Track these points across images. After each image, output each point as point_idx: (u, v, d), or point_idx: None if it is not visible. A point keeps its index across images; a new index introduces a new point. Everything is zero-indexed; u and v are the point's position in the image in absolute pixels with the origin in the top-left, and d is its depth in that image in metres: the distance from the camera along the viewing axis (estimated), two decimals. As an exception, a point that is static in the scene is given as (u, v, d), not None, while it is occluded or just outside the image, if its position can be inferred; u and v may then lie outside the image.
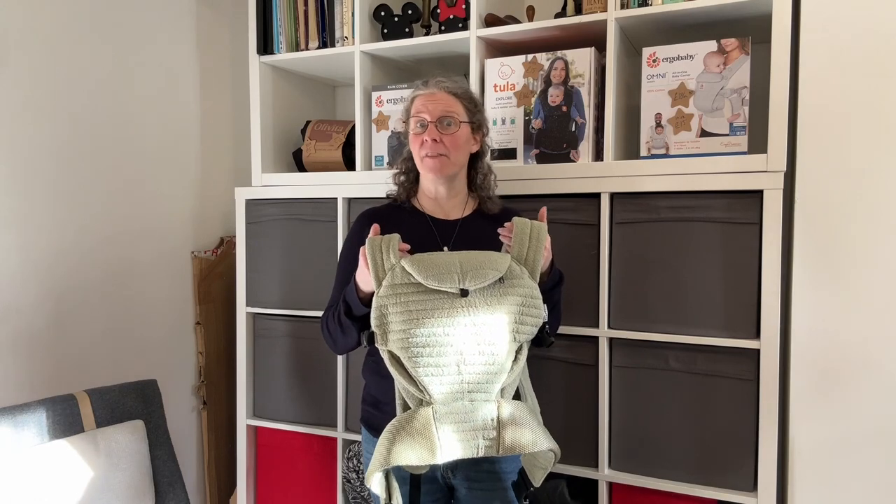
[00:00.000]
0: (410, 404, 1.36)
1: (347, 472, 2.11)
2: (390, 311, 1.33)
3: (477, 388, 1.33)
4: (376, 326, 1.35)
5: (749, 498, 1.67)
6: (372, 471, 1.32)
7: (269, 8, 2.23)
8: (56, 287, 2.00)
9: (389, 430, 1.33)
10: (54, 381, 1.98)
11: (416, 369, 1.32)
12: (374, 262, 1.35)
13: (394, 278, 1.34)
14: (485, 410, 1.33)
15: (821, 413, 1.63)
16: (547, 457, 1.41)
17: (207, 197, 2.51)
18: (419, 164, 1.54)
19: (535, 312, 1.38)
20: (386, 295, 1.34)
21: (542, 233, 1.41)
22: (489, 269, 1.33)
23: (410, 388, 1.34)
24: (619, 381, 1.82)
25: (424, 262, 1.34)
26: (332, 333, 1.55)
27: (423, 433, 1.30)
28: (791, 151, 1.67)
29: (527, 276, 1.38)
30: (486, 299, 1.33)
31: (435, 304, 1.32)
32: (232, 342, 2.43)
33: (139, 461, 1.72)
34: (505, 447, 1.32)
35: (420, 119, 1.51)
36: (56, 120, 1.99)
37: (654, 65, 1.79)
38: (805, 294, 1.63)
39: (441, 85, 1.53)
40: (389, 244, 1.37)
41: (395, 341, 1.33)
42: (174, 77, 2.37)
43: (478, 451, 1.33)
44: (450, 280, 1.31)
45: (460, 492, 1.55)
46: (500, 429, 1.33)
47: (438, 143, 1.49)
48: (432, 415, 1.31)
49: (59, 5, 1.98)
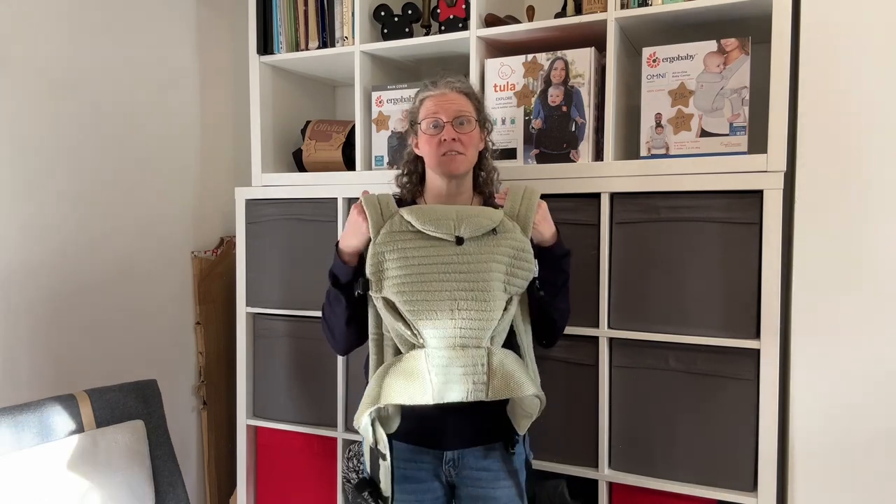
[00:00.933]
0: (403, 349, 1.41)
1: (347, 472, 2.11)
2: (387, 258, 1.40)
3: (468, 334, 1.38)
4: (371, 274, 1.41)
5: (749, 498, 1.67)
6: (362, 409, 1.36)
7: (269, 8, 2.23)
8: (56, 287, 2.00)
9: (382, 370, 1.38)
10: (54, 381, 1.99)
11: (411, 314, 1.37)
12: (374, 213, 1.42)
13: (392, 226, 1.41)
14: (475, 355, 1.38)
15: (820, 413, 1.63)
16: (532, 403, 1.44)
17: (207, 197, 2.51)
18: (435, 165, 1.53)
19: (527, 266, 1.43)
20: (384, 241, 1.40)
21: (535, 192, 1.47)
22: (483, 218, 1.40)
23: (405, 332, 1.38)
24: (619, 381, 1.82)
25: (422, 210, 1.42)
26: (328, 318, 1.57)
27: (415, 373, 1.36)
28: (791, 151, 1.67)
29: (518, 230, 1.44)
30: (480, 248, 1.39)
31: (431, 250, 1.39)
32: (232, 342, 2.43)
33: (139, 461, 1.72)
34: (494, 390, 1.37)
35: (435, 120, 1.51)
36: (56, 120, 1.99)
37: (654, 65, 1.79)
38: (805, 294, 1.63)
39: (451, 85, 1.54)
40: (388, 201, 1.45)
41: (391, 286, 1.38)
42: (174, 77, 2.37)
43: (468, 394, 1.38)
44: (446, 227, 1.38)
45: (462, 490, 1.55)
46: (490, 374, 1.37)
47: (456, 141, 1.50)
48: (425, 357, 1.36)
49: (59, 5, 1.98)
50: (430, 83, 1.57)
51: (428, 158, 1.55)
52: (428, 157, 1.55)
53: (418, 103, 1.56)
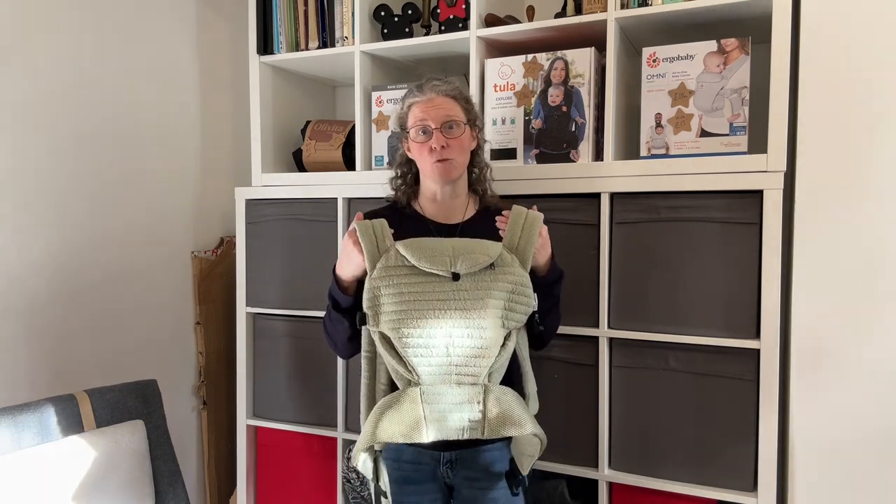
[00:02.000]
0: (399, 385, 1.39)
1: (347, 472, 2.11)
2: (383, 293, 1.37)
3: (464, 371, 1.36)
4: (368, 308, 1.38)
5: (749, 498, 1.67)
6: (358, 448, 1.36)
7: (269, 8, 2.23)
8: (56, 287, 2.00)
9: (377, 408, 1.36)
10: (54, 381, 1.99)
11: (406, 350, 1.35)
12: (370, 244, 1.39)
13: (388, 260, 1.38)
14: (471, 392, 1.36)
15: (821, 413, 1.63)
16: (532, 443, 1.43)
17: (207, 197, 2.51)
18: (427, 171, 1.53)
19: (525, 300, 1.40)
20: (379, 276, 1.38)
21: (536, 222, 1.44)
22: (480, 254, 1.37)
23: (399, 369, 1.37)
24: (619, 381, 1.82)
25: (418, 245, 1.38)
26: (331, 333, 1.56)
27: (409, 411, 1.34)
28: (791, 151, 1.67)
29: (517, 264, 1.41)
30: (477, 284, 1.36)
31: (427, 286, 1.36)
32: (232, 342, 2.43)
33: (139, 461, 1.72)
34: (490, 429, 1.36)
35: (423, 126, 1.50)
36: (56, 120, 1.99)
37: (654, 65, 1.79)
38: (805, 294, 1.63)
39: (437, 89, 1.52)
40: (383, 228, 1.42)
41: (387, 322, 1.36)
42: (174, 77, 2.37)
43: (463, 432, 1.36)
44: (442, 263, 1.35)
45: (460, 491, 1.55)
46: (486, 412, 1.36)
47: (446, 147, 1.49)
48: (419, 395, 1.35)
49: (59, 5, 1.98)
50: (416, 88, 1.54)
51: (420, 165, 1.55)
52: (420, 165, 1.55)
53: (406, 109, 1.54)
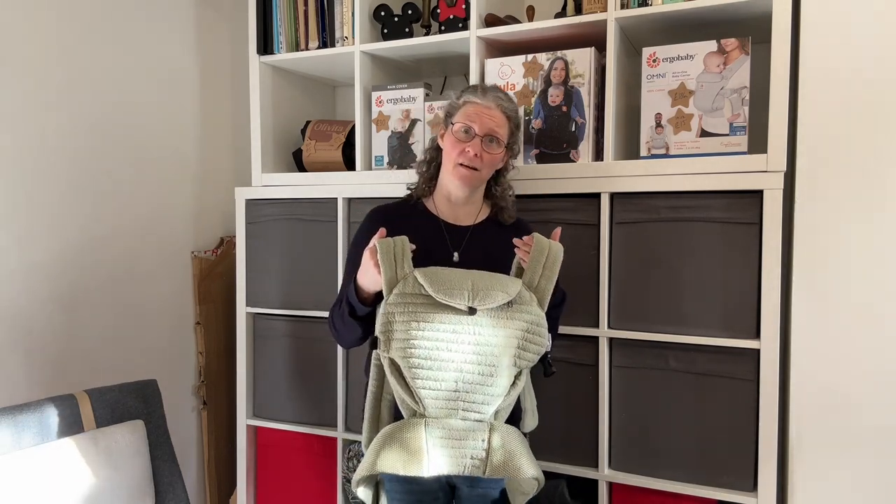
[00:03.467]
0: (404, 413, 1.37)
1: (347, 472, 2.11)
2: (396, 319, 1.34)
3: (472, 408, 1.34)
4: (381, 332, 1.36)
5: (749, 498, 1.67)
6: (358, 477, 1.35)
7: (269, 8, 2.23)
8: (56, 287, 2.00)
9: (380, 437, 1.35)
10: (54, 381, 1.98)
11: (415, 380, 1.33)
12: (389, 269, 1.36)
13: (405, 287, 1.35)
14: (476, 430, 1.34)
15: (820, 413, 1.63)
16: (530, 484, 1.43)
17: (207, 197, 2.51)
18: (450, 169, 1.53)
19: (539, 340, 1.39)
20: (395, 302, 1.35)
21: (557, 261, 1.42)
22: (499, 290, 1.35)
23: (406, 398, 1.35)
24: (619, 381, 1.82)
25: (437, 275, 1.35)
26: (339, 330, 1.55)
27: (412, 444, 1.32)
28: (791, 151, 1.67)
29: (535, 303, 1.39)
30: (493, 320, 1.34)
31: (442, 318, 1.33)
32: (232, 342, 2.43)
33: (139, 461, 1.72)
34: (492, 469, 1.34)
35: (468, 127, 1.50)
36: (56, 120, 1.99)
37: (654, 65, 1.79)
38: (805, 294, 1.63)
39: (499, 101, 1.53)
40: (403, 251, 1.38)
41: (398, 349, 1.33)
42: (174, 77, 2.37)
43: (464, 469, 1.34)
44: (460, 297, 1.32)
45: (462, 491, 1.55)
46: (490, 451, 1.34)
47: (477, 157, 1.49)
48: (424, 427, 1.33)
49: (59, 5, 1.98)
50: (481, 90, 1.55)
51: (446, 158, 1.55)
52: (446, 157, 1.55)
53: (461, 102, 1.54)
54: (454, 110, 1.55)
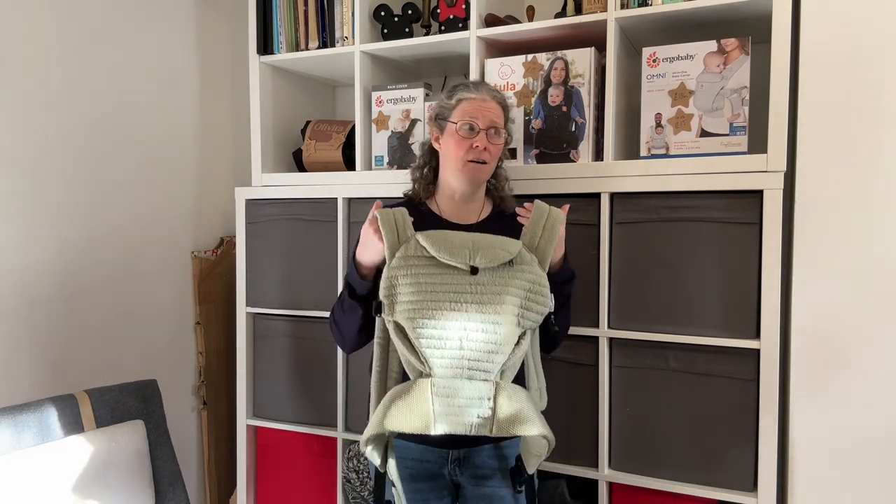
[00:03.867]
0: (410, 376, 1.39)
1: (347, 472, 2.11)
2: (400, 282, 1.37)
3: (477, 366, 1.35)
4: (385, 297, 1.38)
5: (749, 498, 1.67)
6: (366, 435, 1.35)
7: (269, 8, 2.23)
8: (56, 287, 2.00)
9: (387, 397, 1.36)
10: (54, 381, 1.99)
11: (420, 340, 1.34)
12: (391, 233, 1.39)
13: (407, 250, 1.38)
14: (482, 389, 1.35)
15: (821, 413, 1.63)
16: (540, 444, 1.42)
17: (207, 197, 2.51)
18: (459, 168, 1.52)
19: (542, 300, 1.40)
20: (398, 266, 1.38)
21: (558, 223, 1.44)
22: (500, 250, 1.37)
23: (412, 360, 1.36)
24: (619, 381, 1.82)
25: (438, 237, 1.38)
26: (339, 322, 1.54)
27: (418, 403, 1.34)
28: (791, 151, 1.67)
29: (536, 264, 1.41)
30: (494, 279, 1.36)
31: (444, 278, 1.36)
32: (232, 342, 2.43)
33: (139, 461, 1.72)
34: (499, 427, 1.35)
35: (471, 123, 1.50)
36: (56, 120, 1.99)
37: (654, 65, 1.79)
38: (805, 294, 1.63)
39: (491, 93, 1.54)
40: (404, 218, 1.42)
41: (402, 311, 1.36)
42: (174, 77, 2.37)
43: (471, 428, 1.35)
44: (461, 256, 1.35)
45: (466, 489, 1.55)
46: (496, 408, 1.35)
47: (486, 151, 1.50)
48: (430, 387, 1.34)
49: (59, 5, 1.98)
50: (472, 85, 1.55)
51: (452, 159, 1.53)
52: (452, 159, 1.53)
53: (454, 102, 1.54)
54: (447, 111, 1.54)
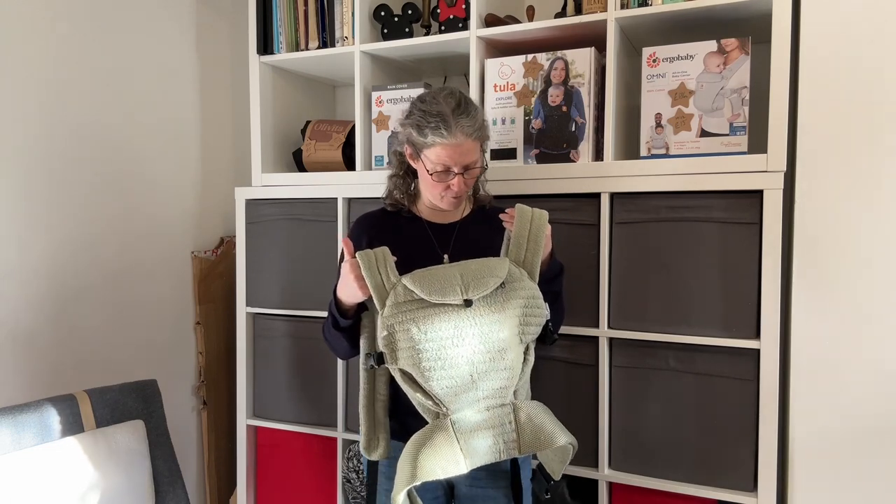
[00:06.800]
0: (427, 418, 1.37)
1: (347, 472, 2.11)
2: (398, 330, 1.32)
3: (492, 395, 1.34)
4: (384, 346, 1.34)
5: (749, 498, 1.67)
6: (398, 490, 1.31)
7: (269, 8, 2.23)
8: (56, 287, 2.00)
9: (411, 446, 1.33)
10: (54, 381, 1.99)
11: (430, 384, 1.32)
12: (375, 282, 1.34)
13: (396, 297, 1.34)
14: (502, 414, 1.35)
15: (821, 413, 1.63)
16: (565, 450, 1.42)
17: (207, 197, 2.51)
18: (437, 200, 1.52)
19: (539, 312, 1.39)
20: (391, 315, 1.33)
21: (542, 229, 1.41)
22: (489, 276, 1.34)
23: (426, 403, 1.34)
24: (619, 381, 1.82)
25: (425, 277, 1.34)
26: (330, 340, 1.56)
27: (445, 447, 1.31)
28: (791, 151, 1.67)
29: (526, 277, 1.39)
30: (491, 306, 1.34)
31: (442, 317, 1.32)
32: (232, 342, 2.43)
33: (139, 461, 1.72)
34: (525, 445, 1.34)
35: (446, 168, 1.46)
36: (56, 120, 1.99)
37: (654, 65, 1.79)
38: (805, 294, 1.63)
39: (465, 131, 1.44)
40: (385, 261, 1.36)
41: (406, 359, 1.32)
42: (174, 77, 2.37)
43: (500, 454, 1.35)
44: (452, 293, 1.31)
45: (461, 489, 1.55)
46: (519, 430, 1.35)
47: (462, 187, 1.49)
48: (451, 426, 1.33)
49: (59, 5, 1.98)
50: (444, 126, 1.42)
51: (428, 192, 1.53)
52: (429, 193, 1.53)
53: (429, 142, 1.45)
54: (422, 147, 1.47)
